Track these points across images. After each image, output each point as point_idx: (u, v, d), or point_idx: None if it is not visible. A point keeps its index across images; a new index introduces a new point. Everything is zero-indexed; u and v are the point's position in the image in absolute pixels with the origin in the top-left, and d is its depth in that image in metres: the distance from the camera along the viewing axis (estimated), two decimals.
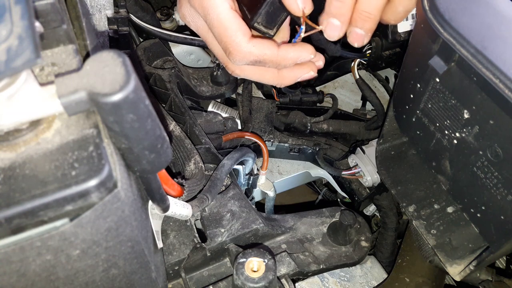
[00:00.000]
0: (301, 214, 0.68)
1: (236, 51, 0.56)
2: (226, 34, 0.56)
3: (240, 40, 0.56)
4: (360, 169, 0.79)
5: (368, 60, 0.84)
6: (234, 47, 0.56)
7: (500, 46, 0.43)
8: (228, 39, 0.56)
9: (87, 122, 0.33)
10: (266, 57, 0.57)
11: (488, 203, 0.51)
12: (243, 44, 0.56)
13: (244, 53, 0.56)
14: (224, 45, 0.57)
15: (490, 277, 0.68)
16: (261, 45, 0.57)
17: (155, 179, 0.40)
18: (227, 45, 0.57)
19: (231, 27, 0.56)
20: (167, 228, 0.59)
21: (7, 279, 0.33)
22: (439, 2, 0.48)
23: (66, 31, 0.38)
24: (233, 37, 0.56)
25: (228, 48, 0.57)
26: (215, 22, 0.56)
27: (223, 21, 0.56)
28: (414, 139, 0.62)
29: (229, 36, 0.56)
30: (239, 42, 0.56)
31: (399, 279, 0.69)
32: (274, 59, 0.58)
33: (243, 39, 0.56)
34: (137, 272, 0.41)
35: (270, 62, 0.58)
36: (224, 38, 0.57)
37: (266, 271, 0.49)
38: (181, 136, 0.65)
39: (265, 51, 0.57)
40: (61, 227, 0.31)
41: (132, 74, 0.28)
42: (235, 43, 0.56)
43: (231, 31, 0.56)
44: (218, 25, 0.56)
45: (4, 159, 0.31)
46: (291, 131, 0.86)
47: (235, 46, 0.56)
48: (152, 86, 0.77)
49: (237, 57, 0.57)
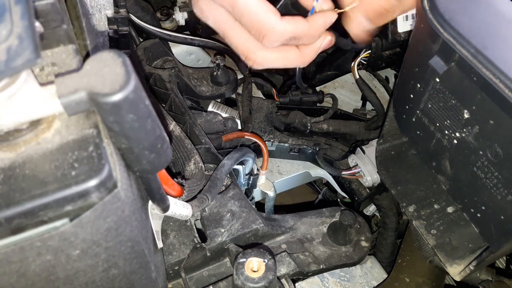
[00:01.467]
0: (301, 214, 0.68)
1: (271, 32, 0.58)
2: (258, 18, 0.58)
3: (274, 20, 0.57)
4: (360, 169, 0.79)
5: (368, 60, 0.84)
6: (269, 28, 0.57)
7: (500, 46, 0.43)
8: (261, 22, 0.58)
9: (87, 122, 0.33)
10: (300, 31, 0.59)
11: (488, 203, 0.51)
12: (277, 23, 0.57)
13: (279, 32, 0.58)
14: (257, 30, 0.58)
15: (490, 277, 0.68)
16: (294, 21, 0.59)
17: (155, 179, 0.40)
18: (261, 28, 0.58)
19: (262, 11, 0.57)
20: (167, 228, 0.59)
21: (7, 279, 0.33)
22: (439, 2, 0.48)
23: (66, 31, 0.38)
24: (266, 19, 0.57)
25: (262, 31, 0.58)
26: (244, 9, 0.58)
27: (253, 7, 0.57)
28: (414, 139, 0.62)
29: (261, 19, 0.57)
30: (273, 23, 0.57)
31: (399, 279, 0.69)
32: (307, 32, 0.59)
33: (275, 19, 0.58)
34: (137, 272, 0.41)
35: (304, 36, 0.60)
36: (256, 23, 0.58)
37: (266, 271, 0.49)
38: (181, 136, 0.65)
39: (298, 25, 0.59)
40: (61, 227, 0.31)
41: (132, 74, 0.28)
42: (269, 24, 0.57)
43: (263, 14, 0.57)
44: (248, 12, 0.58)
45: (4, 159, 0.31)
46: (291, 131, 0.86)
47: (269, 27, 0.57)
48: (152, 86, 0.77)
49: (272, 37, 0.58)
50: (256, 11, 0.57)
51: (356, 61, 0.83)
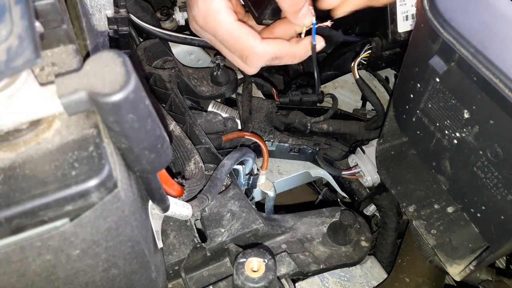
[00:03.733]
0: (301, 214, 0.68)
1: (252, 54, 0.60)
2: (238, 43, 0.60)
3: (253, 43, 0.59)
4: (360, 169, 0.79)
5: (368, 60, 0.84)
6: (250, 50, 0.60)
7: (500, 46, 0.43)
8: (242, 46, 0.60)
9: (87, 122, 0.33)
10: (282, 51, 0.61)
11: (488, 203, 0.51)
12: (257, 45, 0.60)
13: (260, 54, 0.60)
14: (240, 53, 0.61)
15: (490, 277, 0.68)
16: (274, 42, 0.60)
17: (155, 179, 0.40)
18: (243, 52, 0.60)
19: (242, 35, 0.60)
20: (167, 228, 0.59)
21: (7, 279, 0.33)
22: (439, 2, 0.48)
23: (66, 31, 0.38)
24: (246, 43, 0.59)
25: (244, 54, 0.60)
26: (225, 37, 0.60)
27: (233, 33, 0.60)
28: (414, 139, 0.62)
29: (242, 43, 0.60)
30: (253, 45, 0.59)
31: (399, 279, 0.69)
32: (288, 51, 0.61)
33: (255, 42, 0.60)
34: (137, 272, 0.41)
35: (286, 55, 0.61)
36: (238, 47, 0.60)
37: (266, 271, 0.49)
38: (181, 136, 0.65)
39: (279, 46, 0.60)
40: (61, 227, 0.31)
41: (132, 74, 0.28)
42: (249, 47, 0.59)
43: (243, 38, 0.60)
44: (229, 39, 0.60)
45: (4, 159, 0.31)
46: (291, 131, 0.86)
47: (250, 49, 0.60)
48: (152, 86, 0.77)
49: (254, 59, 0.60)
50: (236, 37, 0.60)
51: (356, 61, 0.83)
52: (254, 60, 0.60)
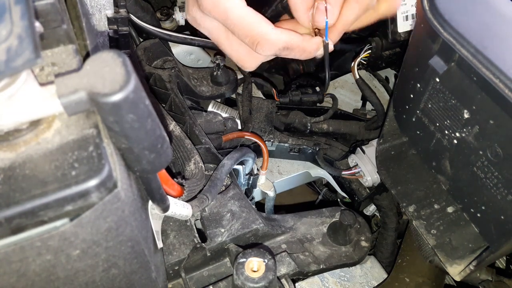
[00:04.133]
0: (301, 214, 0.68)
1: (265, 40, 0.58)
2: (251, 28, 0.58)
3: (267, 29, 0.58)
4: (360, 169, 0.79)
5: (368, 60, 0.84)
6: (263, 36, 0.57)
7: (500, 46, 0.43)
8: (255, 32, 0.58)
9: (87, 122, 0.33)
10: (294, 42, 0.59)
11: (488, 203, 0.51)
12: (271, 32, 0.58)
13: (273, 41, 0.58)
14: (251, 39, 0.58)
15: (490, 277, 0.68)
16: (287, 32, 0.59)
17: (155, 179, 0.40)
18: (255, 37, 0.58)
19: (255, 21, 0.58)
20: (167, 228, 0.59)
21: (7, 279, 0.33)
22: (439, 2, 0.48)
23: (66, 31, 0.38)
24: (260, 28, 0.57)
25: (255, 40, 0.58)
26: (237, 21, 0.58)
27: (246, 18, 0.58)
28: (414, 139, 0.62)
29: (255, 28, 0.58)
30: (267, 31, 0.58)
31: (399, 279, 0.69)
32: (300, 43, 0.60)
33: (269, 28, 0.58)
34: (137, 272, 0.41)
35: (297, 47, 0.60)
36: (250, 32, 0.58)
37: (266, 271, 0.49)
38: (181, 136, 0.65)
39: (291, 36, 0.59)
40: (61, 227, 0.31)
41: (132, 74, 0.28)
42: (263, 33, 0.57)
43: (257, 24, 0.58)
44: (241, 23, 0.58)
45: (4, 159, 0.31)
46: (291, 131, 0.86)
47: (263, 35, 0.57)
48: (152, 86, 0.77)
49: (266, 46, 0.58)
50: (249, 22, 0.58)
51: (356, 61, 0.83)
52: (266, 47, 0.58)
